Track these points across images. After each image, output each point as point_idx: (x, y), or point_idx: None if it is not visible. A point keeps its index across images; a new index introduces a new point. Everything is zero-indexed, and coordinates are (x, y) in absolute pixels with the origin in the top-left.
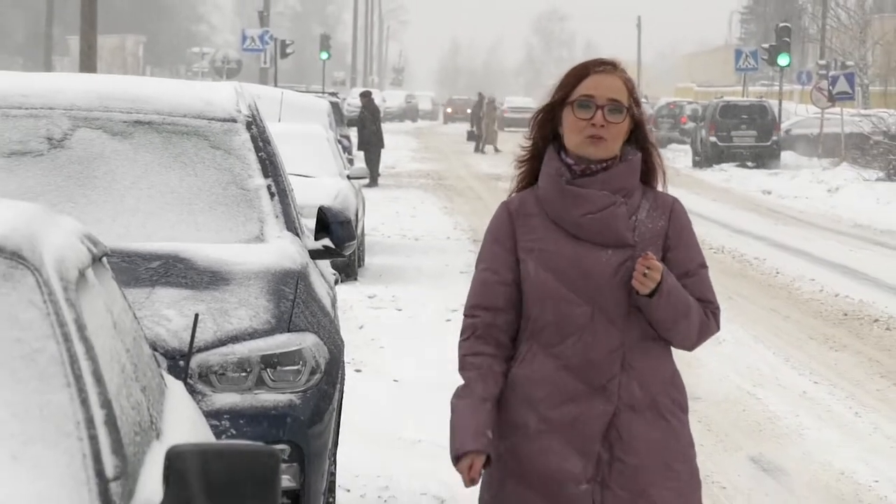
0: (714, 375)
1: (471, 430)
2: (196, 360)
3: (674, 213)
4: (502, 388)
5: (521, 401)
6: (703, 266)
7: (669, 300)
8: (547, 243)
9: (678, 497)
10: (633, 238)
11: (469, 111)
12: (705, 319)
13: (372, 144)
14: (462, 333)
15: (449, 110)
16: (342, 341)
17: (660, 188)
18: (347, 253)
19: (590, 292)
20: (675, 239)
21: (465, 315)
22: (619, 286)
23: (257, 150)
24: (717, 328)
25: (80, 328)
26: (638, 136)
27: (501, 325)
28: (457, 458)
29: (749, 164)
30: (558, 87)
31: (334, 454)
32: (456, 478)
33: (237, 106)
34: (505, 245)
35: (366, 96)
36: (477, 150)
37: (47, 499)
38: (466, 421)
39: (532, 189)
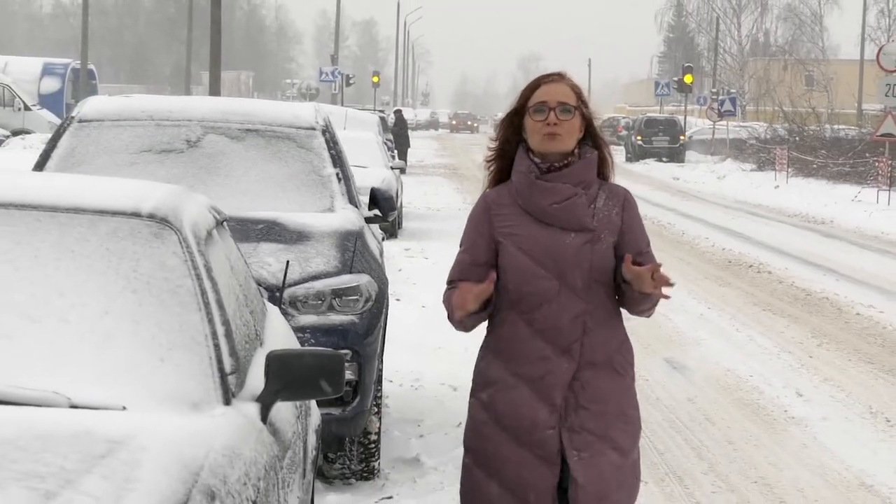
0: None
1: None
2: (287, 293)
3: (626, 203)
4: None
5: (499, 359)
6: (649, 245)
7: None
8: (520, 229)
9: (630, 438)
10: (593, 223)
11: (469, 123)
12: None
13: (401, 145)
14: (443, 297)
15: (454, 122)
16: (387, 279)
17: (611, 177)
18: (390, 219)
19: (556, 269)
20: (629, 224)
21: (447, 286)
22: (581, 263)
23: (329, 148)
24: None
25: (208, 270)
26: (591, 133)
27: None
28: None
29: (664, 159)
30: (518, 99)
31: (381, 357)
32: (464, 373)
33: (316, 119)
34: (481, 231)
35: (397, 113)
36: None
37: (185, 388)
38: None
39: (506, 184)
